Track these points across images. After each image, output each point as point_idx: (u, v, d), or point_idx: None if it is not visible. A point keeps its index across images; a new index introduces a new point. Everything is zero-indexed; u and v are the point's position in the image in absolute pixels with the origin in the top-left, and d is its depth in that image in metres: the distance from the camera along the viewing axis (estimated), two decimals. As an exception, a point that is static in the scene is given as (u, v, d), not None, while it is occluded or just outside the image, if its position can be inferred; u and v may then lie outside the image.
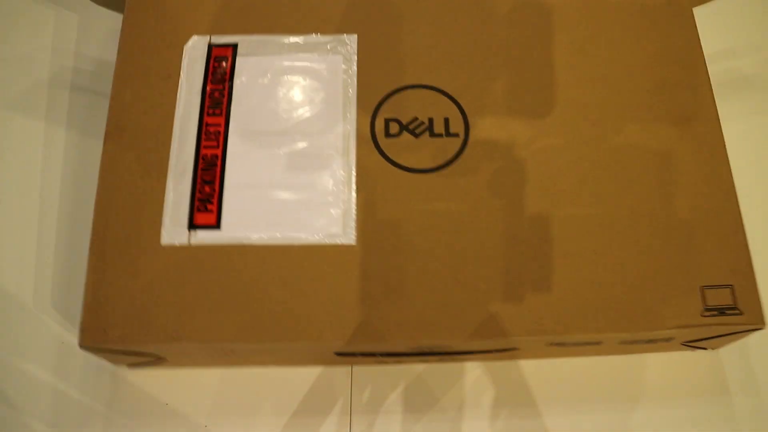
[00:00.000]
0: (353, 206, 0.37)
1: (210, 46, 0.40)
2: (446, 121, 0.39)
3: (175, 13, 0.41)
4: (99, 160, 0.37)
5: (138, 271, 0.36)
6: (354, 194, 0.37)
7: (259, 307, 0.35)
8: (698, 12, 0.42)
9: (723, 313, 0.36)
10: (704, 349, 0.40)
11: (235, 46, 0.40)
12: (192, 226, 0.36)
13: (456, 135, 0.39)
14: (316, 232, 0.36)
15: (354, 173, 0.38)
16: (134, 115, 0.38)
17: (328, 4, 0.41)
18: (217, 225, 0.36)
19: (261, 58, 0.40)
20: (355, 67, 0.40)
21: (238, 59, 0.40)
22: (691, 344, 0.39)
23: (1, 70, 0.48)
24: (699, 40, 0.41)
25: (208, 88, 0.39)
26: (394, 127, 0.39)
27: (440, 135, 0.39)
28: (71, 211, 0.43)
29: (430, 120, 0.39)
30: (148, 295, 0.35)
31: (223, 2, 0.41)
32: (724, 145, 0.39)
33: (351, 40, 0.40)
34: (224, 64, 0.39)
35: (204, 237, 0.36)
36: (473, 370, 0.40)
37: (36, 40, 0.48)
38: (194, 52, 0.40)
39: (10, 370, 0.40)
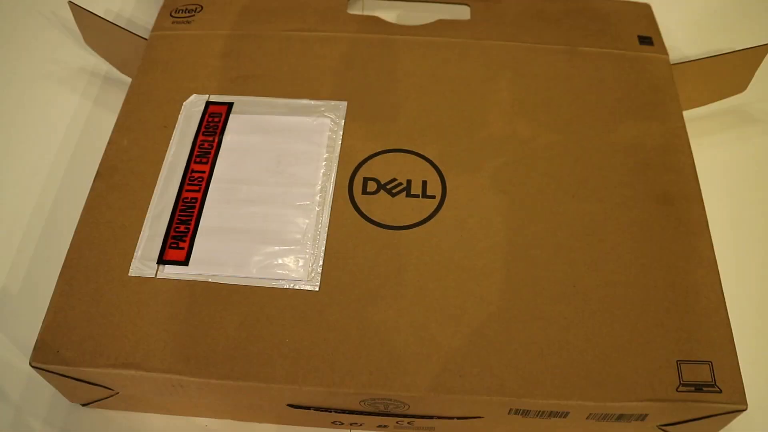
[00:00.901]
0: (321, 255, 0.37)
1: (207, 104, 0.42)
2: (424, 183, 0.40)
3: (182, 75, 0.44)
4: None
5: (101, 298, 0.36)
6: (324, 244, 0.37)
7: (213, 344, 0.35)
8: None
9: (700, 390, 0.33)
10: (686, 442, 0.37)
11: (230, 105, 0.42)
12: (161, 260, 0.37)
13: (432, 197, 0.39)
14: (282, 276, 0.36)
15: (327, 224, 0.38)
16: (127, 158, 0.40)
17: (325, 75, 0.44)
18: (185, 261, 0.37)
19: (252, 116, 0.42)
20: (341, 131, 0.42)
21: (231, 116, 0.42)
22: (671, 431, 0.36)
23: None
24: (683, 121, 0.42)
25: (199, 139, 0.41)
26: (371, 186, 0.39)
27: (417, 196, 0.39)
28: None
29: (408, 181, 0.40)
30: (107, 322, 0.35)
31: (228, 69, 0.44)
32: (707, 223, 0.38)
33: (341, 106, 0.42)
34: (217, 120, 0.42)
35: (170, 272, 0.37)
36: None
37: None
38: (192, 108, 0.42)
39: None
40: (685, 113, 0.43)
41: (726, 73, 0.47)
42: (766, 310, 0.43)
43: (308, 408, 0.36)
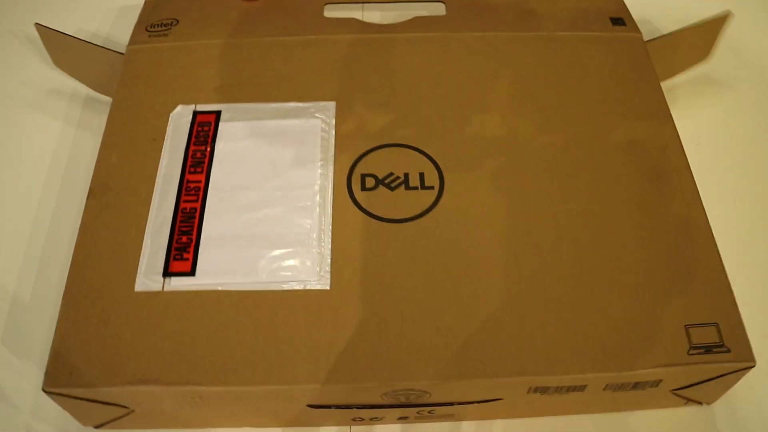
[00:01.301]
0: (329, 253, 0.37)
1: (195, 113, 0.42)
2: (421, 175, 0.40)
3: (165, 88, 0.43)
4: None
5: (110, 317, 0.35)
6: (330, 242, 0.38)
7: (230, 351, 0.34)
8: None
9: (710, 351, 0.34)
10: (699, 404, 0.38)
11: (218, 113, 0.42)
12: (167, 273, 0.36)
13: (431, 188, 0.40)
14: (291, 278, 0.36)
15: (330, 223, 0.38)
16: (118, 174, 0.40)
17: (310, 77, 0.44)
18: (191, 272, 0.36)
19: (243, 122, 0.42)
20: (333, 130, 0.42)
21: (221, 124, 0.42)
22: (683, 395, 0.37)
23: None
24: (663, 95, 0.43)
25: (190, 150, 0.41)
26: (370, 182, 0.40)
27: (416, 188, 0.40)
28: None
29: (406, 174, 0.40)
30: (118, 340, 0.35)
31: (211, 79, 0.44)
32: (698, 193, 0.39)
33: (330, 106, 0.43)
34: (207, 129, 0.41)
35: (178, 284, 0.36)
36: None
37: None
38: (180, 119, 0.42)
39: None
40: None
41: (693, 42, 0.49)
42: (761, 267, 0.44)
43: (329, 407, 0.36)
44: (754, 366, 0.35)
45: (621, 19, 0.48)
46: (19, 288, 0.43)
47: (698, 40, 0.49)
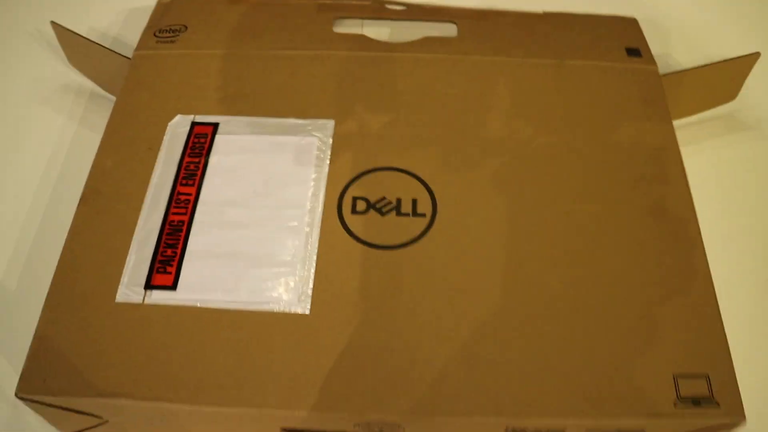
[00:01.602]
0: (311, 277, 0.37)
1: (193, 124, 0.42)
2: (414, 202, 0.39)
3: (167, 95, 0.43)
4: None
5: (88, 325, 0.35)
6: (314, 266, 0.37)
7: (204, 370, 0.34)
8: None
9: (698, 404, 0.33)
10: (686, 455, 0.37)
11: (216, 125, 0.42)
12: (149, 285, 0.36)
13: (423, 215, 0.39)
14: (271, 300, 0.36)
15: (316, 246, 0.38)
16: (112, 180, 0.40)
17: (312, 93, 0.44)
18: (173, 286, 0.36)
19: (239, 136, 0.41)
20: (329, 150, 0.41)
21: (217, 137, 0.41)
22: (669, 447, 0.36)
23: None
24: (674, 131, 0.42)
25: (185, 161, 0.40)
26: (361, 205, 0.39)
27: (407, 214, 0.39)
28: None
29: (398, 200, 0.39)
30: (95, 350, 0.34)
31: (214, 89, 0.43)
32: (700, 236, 0.38)
33: (328, 125, 0.42)
34: (203, 140, 0.41)
35: (158, 297, 0.36)
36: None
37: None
38: (177, 129, 0.42)
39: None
40: (675, 121, 0.43)
41: (716, 82, 0.47)
42: (760, 321, 0.42)
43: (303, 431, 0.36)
44: (744, 423, 0.33)
45: (637, 50, 0.46)
46: (6, 281, 0.43)
47: (725, 78, 0.47)
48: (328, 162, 0.41)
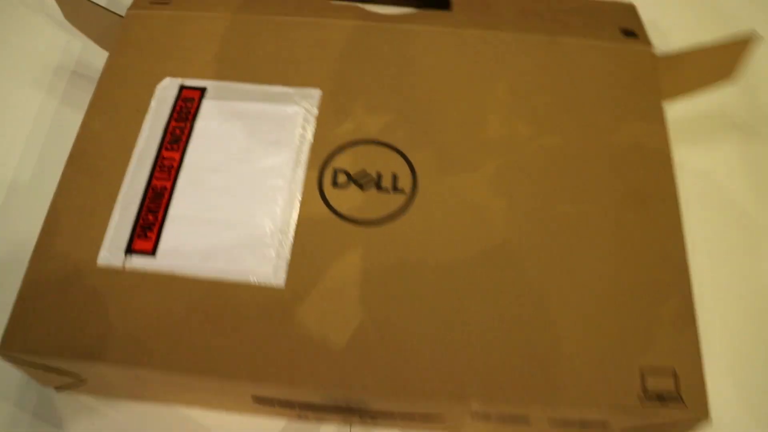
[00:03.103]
0: (288, 250, 0.37)
1: (181, 88, 0.42)
2: (394, 177, 0.39)
3: (159, 57, 0.43)
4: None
5: (70, 288, 0.36)
6: (291, 239, 0.37)
7: (178, 337, 0.35)
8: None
9: (662, 399, 0.33)
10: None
11: (203, 90, 0.41)
12: (129, 250, 0.37)
13: (402, 191, 0.39)
14: (248, 271, 0.36)
15: (295, 218, 0.38)
16: (98, 142, 0.40)
17: (300, 61, 0.43)
18: (152, 252, 0.37)
19: (225, 102, 0.41)
20: (314, 119, 0.41)
21: (203, 102, 0.41)
22: (634, 437, 0.36)
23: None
24: (664, 117, 0.41)
25: (171, 125, 0.40)
26: (341, 178, 0.39)
27: (386, 190, 0.39)
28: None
29: (379, 175, 0.39)
30: (74, 312, 0.35)
31: (203, 52, 0.43)
32: (681, 225, 0.37)
33: (315, 94, 0.41)
34: (190, 105, 0.41)
35: (138, 263, 0.36)
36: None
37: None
38: (165, 92, 0.41)
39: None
40: (670, 114, 0.42)
41: (714, 62, 0.44)
42: (734, 319, 0.42)
43: (272, 402, 0.37)
44: (708, 420, 0.33)
45: (633, 32, 0.44)
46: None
47: (715, 60, 0.44)
48: (312, 132, 0.40)
